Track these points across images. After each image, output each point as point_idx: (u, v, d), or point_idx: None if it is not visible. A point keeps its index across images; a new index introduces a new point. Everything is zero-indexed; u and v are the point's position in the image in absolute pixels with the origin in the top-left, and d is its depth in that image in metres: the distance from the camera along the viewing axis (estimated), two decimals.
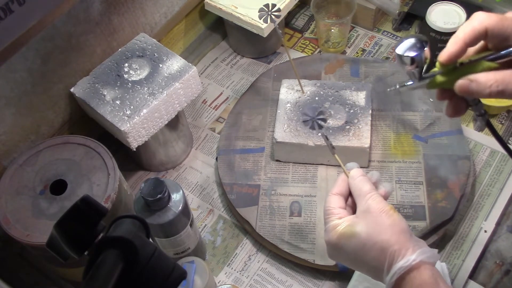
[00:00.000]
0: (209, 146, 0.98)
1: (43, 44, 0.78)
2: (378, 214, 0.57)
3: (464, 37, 0.53)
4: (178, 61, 0.85)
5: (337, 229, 0.59)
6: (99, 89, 0.83)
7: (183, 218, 0.72)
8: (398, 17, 1.10)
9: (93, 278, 0.43)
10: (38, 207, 0.71)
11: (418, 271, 0.54)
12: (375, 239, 0.56)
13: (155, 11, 0.96)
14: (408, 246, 0.55)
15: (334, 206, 0.61)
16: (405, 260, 0.54)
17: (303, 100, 0.90)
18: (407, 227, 0.57)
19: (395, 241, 0.55)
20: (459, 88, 0.54)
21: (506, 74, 0.52)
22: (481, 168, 0.90)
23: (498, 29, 0.52)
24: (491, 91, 0.52)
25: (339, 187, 0.63)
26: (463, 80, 0.53)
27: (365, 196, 0.59)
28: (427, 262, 0.54)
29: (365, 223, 0.57)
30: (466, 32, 0.53)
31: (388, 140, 0.90)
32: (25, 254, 0.86)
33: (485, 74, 0.52)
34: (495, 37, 0.53)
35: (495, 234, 0.83)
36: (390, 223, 0.56)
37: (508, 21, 0.52)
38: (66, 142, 0.77)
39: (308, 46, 1.10)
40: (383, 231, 0.56)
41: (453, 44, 0.53)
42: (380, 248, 0.55)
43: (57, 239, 0.47)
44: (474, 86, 0.53)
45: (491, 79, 0.52)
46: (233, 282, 0.83)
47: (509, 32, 0.52)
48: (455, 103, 0.58)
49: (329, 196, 0.62)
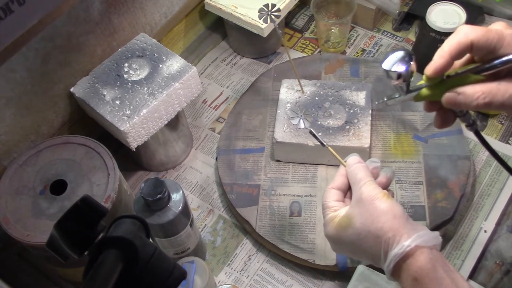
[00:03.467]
0: (209, 146, 0.98)
1: (43, 44, 0.78)
2: (370, 202, 0.57)
3: (450, 50, 0.53)
4: (178, 61, 0.85)
5: (334, 221, 0.59)
6: (99, 89, 0.83)
7: (183, 218, 0.72)
8: (398, 17, 1.10)
9: (93, 278, 0.43)
10: (38, 207, 0.71)
11: (414, 257, 0.53)
12: (368, 227, 0.56)
13: (155, 11, 0.96)
14: (403, 231, 0.54)
15: (330, 200, 0.61)
16: (399, 247, 0.53)
17: (303, 100, 0.90)
18: (402, 212, 0.56)
19: (389, 228, 0.55)
20: (447, 101, 0.54)
21: (493, 86, 0.52)
22: (481, 168, 0.90)
23: (483, 42, 0.52)
24: (478, 103, 0.53)
25: (336, 181, 0.63)
26: (450, 93, 0.54)
27: (359, 183, 0.59)
28: (425, 247, 0.53)
29: (359, 212, 0.57)
30: (452, 45, 0.53)
31: (388, 140, 0.90)
32: (25, 254, 0.86)
33: (472, 86, 0.53)
34: (481, 50, 0.53)
35: (495, 234, 0.83)
36: (383, 210, 0.56)
37: (493, 33, 0.52)
38: (66, 142, 0.77)
39: (308, 46, 1.10)
40: (375, 219, 0.56)
41: (439, 57, 0.54)
42: (375, 236, 0.55)
43: (57, 239, 0.47)
44: (461, 98, 0.53)
45: (478, 91, 0.52)
46: (233, 282, 0.83)
47: (494, 44, 0.52)
48: (443, 115, 0.59)
49: (326, 190, 0.63)
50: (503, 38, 0.52)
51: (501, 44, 0.52)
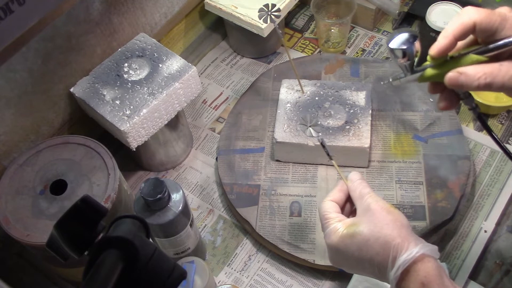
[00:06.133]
0: (209, 146, 0.98)
1: (43, 44, 0.78)
2: (379, 211, 0.58)
3: (453, 32, 0.54)
4: (178, 61, 0.85)
5: (338, 231, 0.59)
6: (99, 89, 0.83)
7: (183, 218, 0.72)
8: (398, 17, 1.10)
9: (93, 278, 0.43)
10: (38, 207, 0.71)
11: (422, 263, 0.54)
12: (378, 234, 0.56)
13: (155, 11, 0.96)
14: (410, 239, 0.55)
15: (331, 211, 0.62)
16: (408, 253, 0.54)
17: (303, 100, 0.90)
18: (407, 223, 0.58)
19: (397, 234, 0.56)
20: (449, 81, 0.55)
21: (494, 67, 0.53)
22: (481, 168, 0.90)
23: (486, 24, 0.53)
24: (479, 83, 0.53)
25: (335, 195, 0.64)
26: (452, 73, 0.55)
27: (364, 196, 0.61)
28: (430, 256, 0.55)
29: (367, 221, 0.58)
30: (456, 26, 0.54)
31: (388, 140, 0.90)
32: (25, 254, 0.86)
33: (474, 67, 0.54)
34: (483, 31, 0.54)
35: (495, 234, 0.83)
36: (391, 219, 0.57)
37: (496, 15, 0.53)
38: (66, 142, 0.77)
39: (308, 46, 1.10)
40: (385, 226, 0.57)
41: (443, 38, 0.55)
42: (384, 242, 0.56)
43: (57, 239, 0.47)
44: (463, 78, 0.54)
45: (479, 72, 0.53)
46: (233, 282, 0.83)
47: (496, 26, 0.53)
48: (447, 96, 0.60)
49: (324, 202, 0.63)
50: (505, 20, 0.53)
51: (504, 26, 0.53)
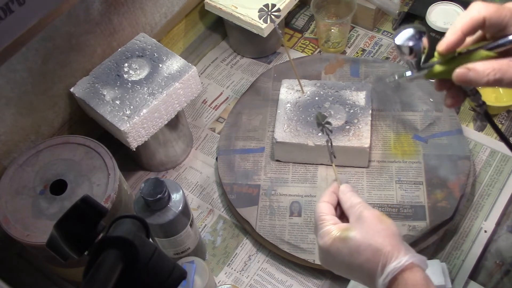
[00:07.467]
0: (209, 146, 0.98)
1: (43, 44, 0.78)
2: (371, 218, 0.58)
3: (462, 27, 0.53)
4: (178, 61, 0.85)
5: (332, 234, 0.59)
6: (99, 89, 0.83)
7: (183, 218, 0.72)
8: (398, 17, 1.10)
9: (93, 278, 0.43)
10: (38, 207, 0.71)
11: (411, 272, 0.54)
12: (369, 241, 0.57)
13: (155, 11, 0.96)
14: (400, 248, 0.56)
15: (327, 213, 0.62)
16: (398, 261, 0.55)
17: (303, 100, 0.90)
18: (398, 232, 0.59)
19: (388, 243, 0.56)
20: (457, 77, 0.54)
21: (504, 62, 0.52)
22: (481, 168, 0.90)
23: (496, 19, 0.53)
24: (489, 79, 0.52)
25: (329, 197, 0.64)
26: (461, 69, 0.53)
27: (356, 206, 0.61)
28: (419, 265, 0.55)
29: (360, 228, 0.58)
30: (464, 22, 0.53)
31: (388, 140, 0.90)
32: (25, 254, 0.86)
33: (483, 63, 0.53)
34: (493, 27, 0.53)
35: (495, 234, 0.83)
36: (383, 227, 0.58)
37: (505, 10, 0.52)
38: (66, 142, 0.77)
39: (308, 46, 1.10)
40: (376, 234, 0.57)
41: (451, 33, 0.54)
42: (375, 249, 0.56)
43: (57, 239, 0.47)
44: (472, 74, 0.53)
45: (488, 68, 0.52)
46: (233, 282, 0.83)
47: (506, 21, 0.52)
48: (453, 93, 0.59)
49: (320, 203, 0.63)
50: None
51: None
